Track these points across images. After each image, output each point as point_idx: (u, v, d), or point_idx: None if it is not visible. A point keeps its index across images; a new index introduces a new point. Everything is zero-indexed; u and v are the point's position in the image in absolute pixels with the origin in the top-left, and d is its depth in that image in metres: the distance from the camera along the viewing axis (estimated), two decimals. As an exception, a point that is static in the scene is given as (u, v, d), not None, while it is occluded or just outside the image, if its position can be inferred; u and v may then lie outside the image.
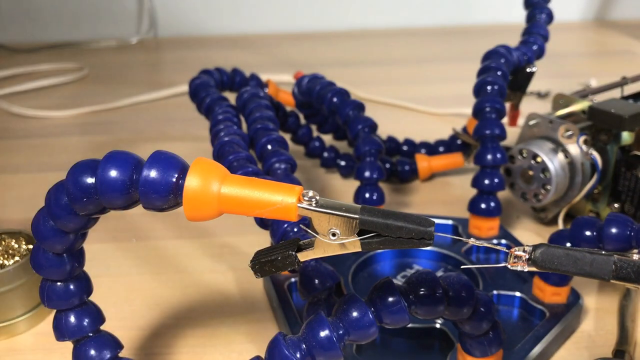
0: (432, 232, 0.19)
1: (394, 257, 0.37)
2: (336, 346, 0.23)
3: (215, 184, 0.19)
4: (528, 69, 0.43)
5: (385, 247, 0.19)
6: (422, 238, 0.19)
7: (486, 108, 0.38)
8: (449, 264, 0.36)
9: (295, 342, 0.23)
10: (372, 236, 0.19)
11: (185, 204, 0.19)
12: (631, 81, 0.45)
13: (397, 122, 0.62)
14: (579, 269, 0.18)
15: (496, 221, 0.38)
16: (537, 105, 0.65)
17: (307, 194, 0.19)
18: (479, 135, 0.38)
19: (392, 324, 0.24)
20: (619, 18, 1.06)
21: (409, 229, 0.19)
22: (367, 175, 0.38)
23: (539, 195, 0.39)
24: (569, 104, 0.42)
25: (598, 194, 0.40)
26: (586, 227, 0.29)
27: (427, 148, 0.52)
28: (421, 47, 0.93)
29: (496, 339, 0.26)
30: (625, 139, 0.38)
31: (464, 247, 0.37)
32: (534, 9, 0.46)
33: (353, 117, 0.40)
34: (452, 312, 0.24)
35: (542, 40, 0.45)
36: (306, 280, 0.28)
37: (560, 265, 0.18)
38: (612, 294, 0.34)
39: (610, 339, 0.30)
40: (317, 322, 0.23)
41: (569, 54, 0.88)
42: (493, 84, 0.39)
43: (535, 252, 0.19)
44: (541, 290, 0.32)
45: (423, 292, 0.24)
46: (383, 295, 0.24)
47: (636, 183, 0.37)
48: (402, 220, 0.19)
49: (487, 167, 0.37)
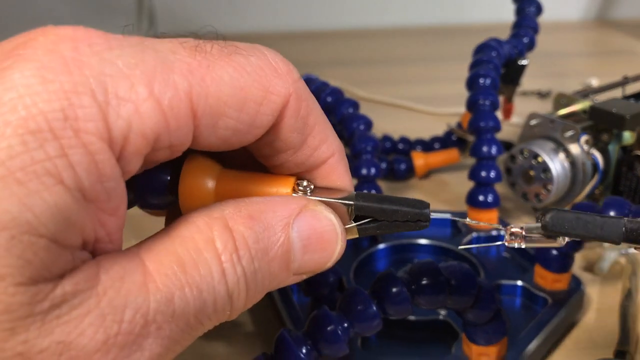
0: (428, 213, 0.19)
1: (394, 254, 0.37)
2: (341, 339, 0.23)
3: (210, 181, 0.19)
4: (519, 61, 0.43)
5: (382, 231, 0.19)
6: (418, 220, 0.19)
7: (480, 101, 0.38)
8: (450, 257, 0.37)
9: (301, 337, 0.23)
10: (369, 221, 0.19)
11: (181, 201, 0.19)
12: (632, 81, 0.45)
13: (397, 122, 0.62)
14: (589, 231, 0.18)
15: (494, 213, 0.38)
16: (538, 104, 0.64)
17: (301, 184, 0.19)
18: (474, 127, 0.38)
19: (395, 314, 0.24)
20: (620, 17, 1.05)
21: (405, 212, 0.19)
22: (364, 173, 0.38)
23: (540, 195, 0.39)
24: (570, 103, 0.42)
25: (599, 194, 0.40)
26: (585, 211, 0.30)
27: (422, 145, 0.52)
28: (421, 47, 0.93)
29: (500, 327, 0.26)
30: (626, 139, 0.38)
31: (464, 240, 0.37)
32: (522, 2, 0.46)
33: (348, 115, 0.40)
34: (455, 301, 0.25)
35: (532, 32, 0.45)
36: (309, 277, 0.28)
37: (571, 229, 0.18)
38: (614, 293, 0.34)
39: (612, 339, 0.30)
40: (321, 316, 0.23)
41: (570, 53, 0.87)
42: (485, 76, 0.39)
43: (545, 217, 0.19)
44: (543, 277, 0.32)
45: (425, 282, 0.24)
46: (386, 286, 0.24)
47: (637, 183, 0.37)
48: (397, 204, 0.19)
49: (483, 159, 0.37)
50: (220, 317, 0.16)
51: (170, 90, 0.14)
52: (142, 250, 0.15)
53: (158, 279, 0.14)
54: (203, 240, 0.15)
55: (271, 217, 0.17)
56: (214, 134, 0.16)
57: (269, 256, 0.17)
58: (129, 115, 0.14)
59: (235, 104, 0.16)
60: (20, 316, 0.12)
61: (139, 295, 0.14)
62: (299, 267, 0.18)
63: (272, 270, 0.17)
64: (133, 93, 0.14)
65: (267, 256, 0.17)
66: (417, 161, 0.49)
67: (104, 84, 0.14)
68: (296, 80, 0.18)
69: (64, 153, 0.13)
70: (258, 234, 0.16)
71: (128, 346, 0.13)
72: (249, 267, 0.16)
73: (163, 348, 0.14)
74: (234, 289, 0.16)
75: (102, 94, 0.13)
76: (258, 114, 0.16)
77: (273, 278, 0.17)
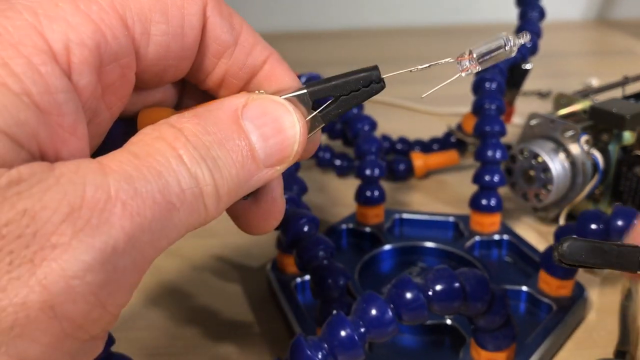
0: (378, 72, 0.19)
1: (398, 255, 0.37)
2: (358, 345, 0.23)
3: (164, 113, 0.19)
4: (523, 66, 0.43)
5: (343, 108, 0.19)
6: (371, 82, 0.19)
7: (486, 105, 0.38)
8: (453, 260, 0.37)
9: (317, 342, 0.23)
10: (328, 104, 0.19)
11: None
12: (632, 81, 0.45)
13: (397, 122, 0.62)
14: (606, 261, 0.19)
15: (497, 217, 0.38)
16: (538, 105, 0.65)
17: None
18: (479, 131, 0.38)
19: (411, 320, 0.24)
20: (620, 17, 1.06)
21: (356, 79, 0.19)
22: (368, 174, 0.38)
23: (540, 195, 0.39)
24: (570, 103, 0.42)
25: (599, 194, 0.40)
26: (592, 220, 0.30)
27: (421, 146, 0.52)
28: (421, 47, 0.93)
29: (510, 333, 0.27)
30: (626, 139, 0.38)
31: (467, 243, 0.37)
32: (525, 6, 0.47)
33: (353, 116, 0.40)
34: (469, 307, 0.25)
35: (535, 37, 0.45)
36: (319, 280, 0.28)
37: (588, 258, 0.19)
38: (614, 293, 0.34)
39: (612, 339, 0.30)
40: (337, 321, 0.23)
41: (570, 53, 0.87)
42: (492, 80, 0.39)
43: (562, 246, 0.19)
44: (547, 283, 0.32)
45: (441, 288, 0.24)
46: (402, 292, 0.24)
47: (638, 183, 0.38)
48: (346, 76, 0.19)
49: (487, 163, 0.38)
50: (194, 203, 0.16)
51: (94, 4, 0.16)
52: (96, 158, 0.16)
53: (113, 165, 0.15)
54: (152, 137, 0.16)
55: (217, 113, 0.17)
56: (154, 42, 0.17)
57: (226, 147, 0.17)
58: (62, 29, 0.15)
59: (159, 9, 0.17)
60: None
61: (97, 176, 0.14)
62: (265, 156, 0.18)
63: (237, 159, 0.17)
64: (60, 10, 0.15)
65: (225, 147, 0.17)
66: (416, 162, 0.49)
67: (32, 8, 0.15)
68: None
69: (4, 62, 0.14)
70: (207, 128, 0.17)
71: (95, 217, 0.14)
72: (207, 154, 0.16)
73: (135, 224, 0.14)
74: (197, 170, 0.16)
75: (32, 15, 0.15)
76: (184, 15, 0.17)
77: (241, 168, 0.17)
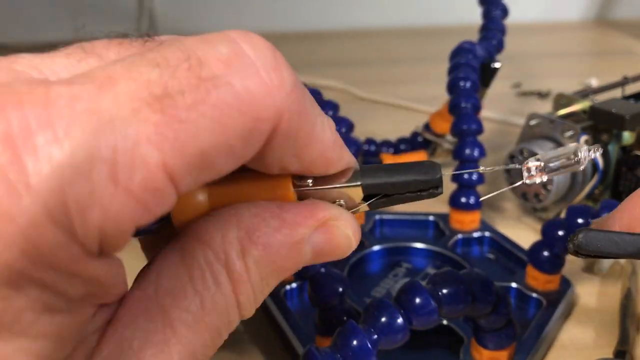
0: (441, 178, 0.18)
1: (384, 257, 0.37)
2: (372, 353, 0.22)
3: (201, 194, 0.18)
4: (492, 64, 0.44)
5: (393, 204, 0.18)
6: (431, 188, 0.18)
7: (462, 104, 0.38)
8: (437, 259, 0.37)
9: (329, 353, 0.22)
10: (379, 197, 0.18)
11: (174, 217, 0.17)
12: (632, 81, 0.46)
13: (397, 122, 0.61)
14: (621, 250, 0.19)
15: (477, 214, 0.39)
16: (537, 105, 0.65)
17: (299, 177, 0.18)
18: (457, 130, 0.38)
19: (421, 325, 0.24)
20: (620, 17, 1.07)
21: (417, 181, 0.18)
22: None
23: (540, 195, 0.39)
24: (569, 103, 0.42)
25: (599, 194, 0.40)
26: (579, 215, 0.31)
27: (389, 147, 0.52)
28: (420, 47, 0.93)
29: (511, 331, 0.27)
30: (626, 139, 0.38)
31: (449, 242, 0.37)
32: (489, 5, 0.47)
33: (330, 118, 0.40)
34: (475, 309, 0.25)
35: (500, 35, 0.46)
36: (317, 287, 0.27)
37: (604, 248, 0.19)
38: (614, 293, 0.34)
39: (612, 339, 0.30)
40: (349, 330, 0.23)
41: (570, 53, 0.88)
42: (466, 79, 0.39)
43: (577, 237, 0.19)
44: (535, 279, 0.33)
45: (448, 291, 0.24)
46: (412, 297, 0.23)
47: (637, 183, 0.38)
48: (406, 173, 0.18)
49: (465, 161, 0.38)
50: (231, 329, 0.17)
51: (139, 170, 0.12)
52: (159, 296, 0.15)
53: None
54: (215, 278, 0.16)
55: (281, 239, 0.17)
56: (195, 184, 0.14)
57: (279, 272, 0.17)
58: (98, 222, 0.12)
59: (218, 151, 0.13)
60: None
61: None
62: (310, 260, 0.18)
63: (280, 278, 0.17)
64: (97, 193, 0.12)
65: (278, 273, 0.17)
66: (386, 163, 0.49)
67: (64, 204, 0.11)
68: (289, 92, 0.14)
69: None
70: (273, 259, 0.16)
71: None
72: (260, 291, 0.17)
73: None
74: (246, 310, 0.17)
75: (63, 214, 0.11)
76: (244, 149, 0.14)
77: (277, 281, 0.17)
